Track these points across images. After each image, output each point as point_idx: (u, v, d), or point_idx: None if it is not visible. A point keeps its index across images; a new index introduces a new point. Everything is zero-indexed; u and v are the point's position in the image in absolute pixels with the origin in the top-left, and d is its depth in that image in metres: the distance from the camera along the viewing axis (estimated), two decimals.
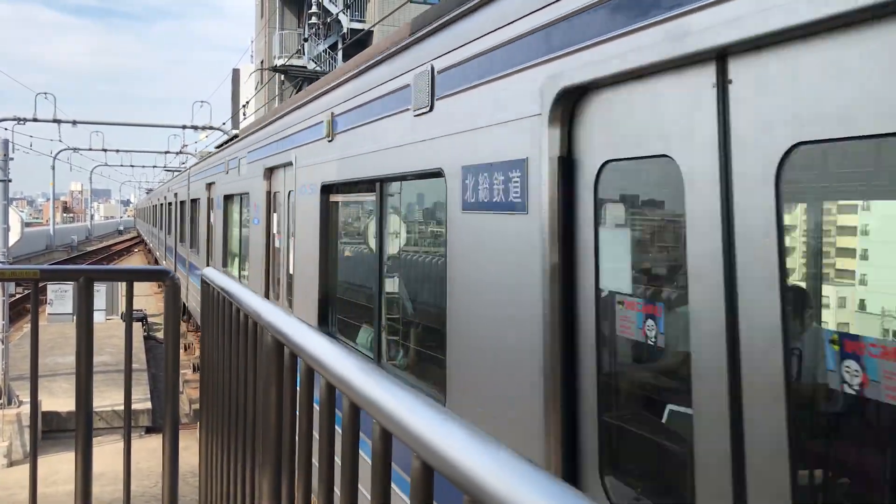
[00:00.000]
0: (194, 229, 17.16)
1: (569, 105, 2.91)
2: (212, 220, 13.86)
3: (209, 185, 14.25)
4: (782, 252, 2.08)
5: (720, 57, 2.25)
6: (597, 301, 2.81)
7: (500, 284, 3.30)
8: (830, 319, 2.29)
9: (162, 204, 30.02)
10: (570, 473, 2.87)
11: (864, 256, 2.16)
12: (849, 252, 2.22)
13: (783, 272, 2.07)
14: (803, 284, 2.29)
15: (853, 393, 1.95)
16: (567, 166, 2.93)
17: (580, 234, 2.89)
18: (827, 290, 2.27)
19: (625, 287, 2.79)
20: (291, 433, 2.04)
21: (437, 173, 3.98)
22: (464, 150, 3.67)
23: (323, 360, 1.68)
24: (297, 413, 1.96)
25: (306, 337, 1.86)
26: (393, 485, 1.42)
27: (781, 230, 2.08)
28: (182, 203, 20.35)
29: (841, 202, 2.27)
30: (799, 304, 2.20)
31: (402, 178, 4.72)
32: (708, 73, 2.28)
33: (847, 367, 1.96)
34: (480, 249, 3.49)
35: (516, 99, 3.20)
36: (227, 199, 11.89)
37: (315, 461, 1.80)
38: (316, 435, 1.79)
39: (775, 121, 2.08)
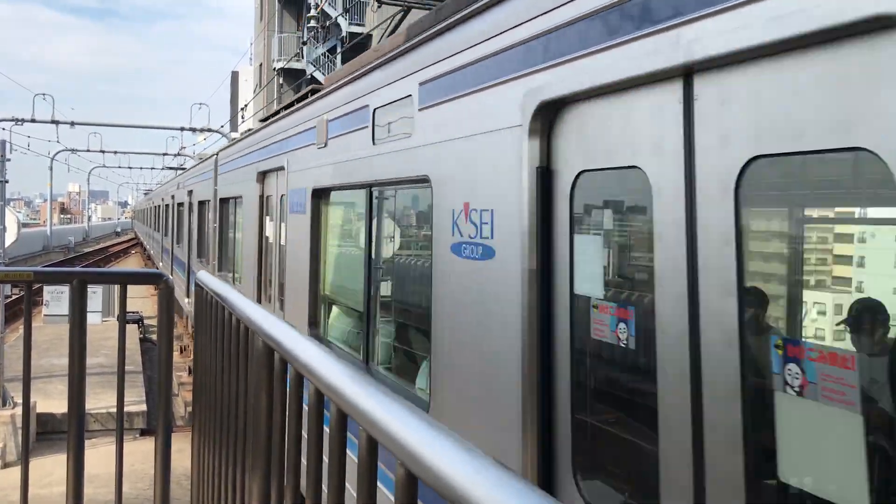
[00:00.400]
0: (225, 245, 12.12)
1: None
2: (270, 233, 8.47)
3: (264, 175, 8.96)
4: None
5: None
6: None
7: None
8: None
9: (169, 205, 24.20)
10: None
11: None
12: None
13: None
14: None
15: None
16: None
17: None
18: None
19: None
20: (281, 437, 2.06)
21: None
22: None
23: (312, 366, 1.69)
24: (287, 418, 1.97)
25: (297, 343, 1.87)
26: (380, 484, 1.43)
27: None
28: (202, 203, 15.24)
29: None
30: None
31: None
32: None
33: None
34: None
35: None
36: (321, 196, 6.55)
37: (304, 465, 1.81)
38: (305, 437, 1.80)
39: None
